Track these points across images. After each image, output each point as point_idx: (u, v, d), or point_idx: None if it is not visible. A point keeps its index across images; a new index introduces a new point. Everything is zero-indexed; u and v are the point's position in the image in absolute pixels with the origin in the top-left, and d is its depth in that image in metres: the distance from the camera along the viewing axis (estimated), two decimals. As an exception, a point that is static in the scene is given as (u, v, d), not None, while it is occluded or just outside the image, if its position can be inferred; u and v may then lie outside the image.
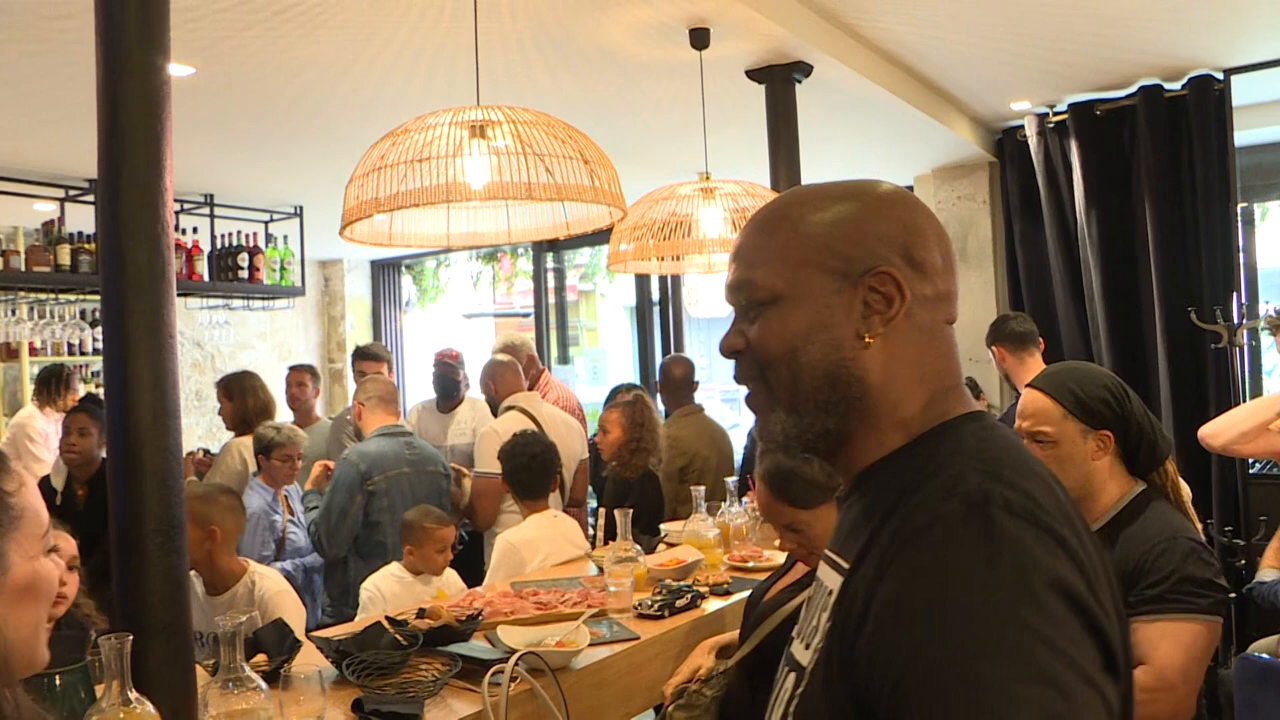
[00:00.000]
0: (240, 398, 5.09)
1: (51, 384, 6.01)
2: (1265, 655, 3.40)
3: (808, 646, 1.04)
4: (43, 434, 5.89)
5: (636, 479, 4.50)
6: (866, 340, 1.05)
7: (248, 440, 4.83)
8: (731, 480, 3.92)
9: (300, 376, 5.81)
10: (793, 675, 1.06)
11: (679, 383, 5.31)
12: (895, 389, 1.05)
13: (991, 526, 0.88)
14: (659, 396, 5.51)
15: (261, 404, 5.14)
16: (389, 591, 3.49)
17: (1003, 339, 4.49)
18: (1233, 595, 4.73)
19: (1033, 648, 0.82)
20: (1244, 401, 5.18)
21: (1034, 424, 2.24)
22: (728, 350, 1.14)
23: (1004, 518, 0.89)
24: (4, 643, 1.08)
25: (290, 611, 3.21)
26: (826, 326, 1.06)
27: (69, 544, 2.62)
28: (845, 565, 1.01)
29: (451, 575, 3.65)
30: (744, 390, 1.16)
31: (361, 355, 5.72)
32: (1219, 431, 2.88)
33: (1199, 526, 2.21)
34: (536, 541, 3.67)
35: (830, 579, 1.05)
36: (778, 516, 2.30)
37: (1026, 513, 0.90)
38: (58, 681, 1.59)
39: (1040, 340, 4.53)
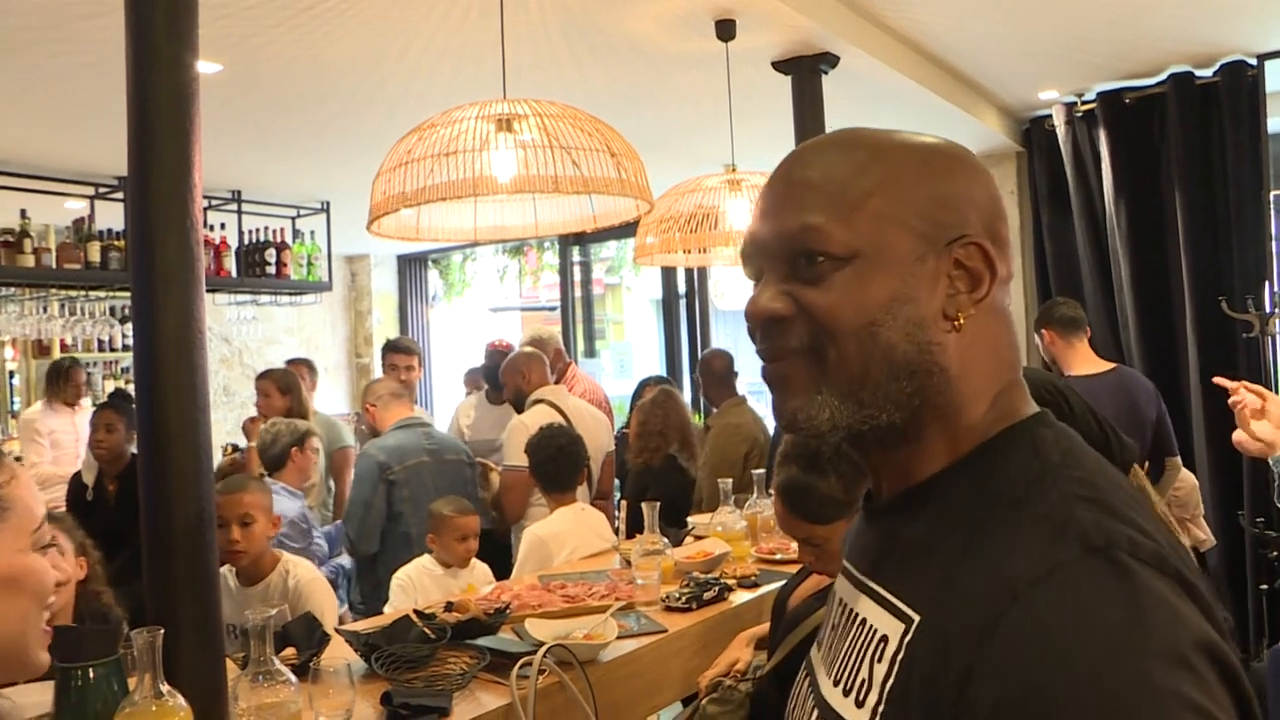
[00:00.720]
0: (296, 394, 5.14)
1: (54, 378, 6.00)
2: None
3: (859, 704, 0.86)
4: (47, 431, 5.88)
5: (659, 467, 4.50)
6: (957, 322, 0.88)
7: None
8: (758, 473, 3.91)
9: (298, 369, 5.83)
10: None
11: (721, 375, 5.32)
12: (971, 383, 0.89)
13: (1129, 580, 0.73)
14: (697, 390, 5.51)
15: (308, 402, 5.21)
16: (419, 583, 3.51)
17: (1054, 323, 4.46)
18: (1264, 587, 4.70)
19: None
20: (1275, 392, 5.13)
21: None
22: (766, 316, 0.92)
23: (1137, 567, 0.74)
24: None
25: (324, 598, 3.25)
26: (911, 300, 0.88)
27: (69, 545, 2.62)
28: (910, 612, 0.83)
29: (481, 568, 3.66)
30: (771, 363, 0.94)
31: (392, 348, 5.72)
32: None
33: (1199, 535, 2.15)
34: (564, 535, 3.68)
35: (883, 622, 0.87)
36: (794, 530, 2.25)
37: (1155, 557, 0.76)
38: (91, 674, 1.61)
39: (1088, 328, 4.50)
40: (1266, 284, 5.07)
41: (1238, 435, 2.76)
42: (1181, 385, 5.37)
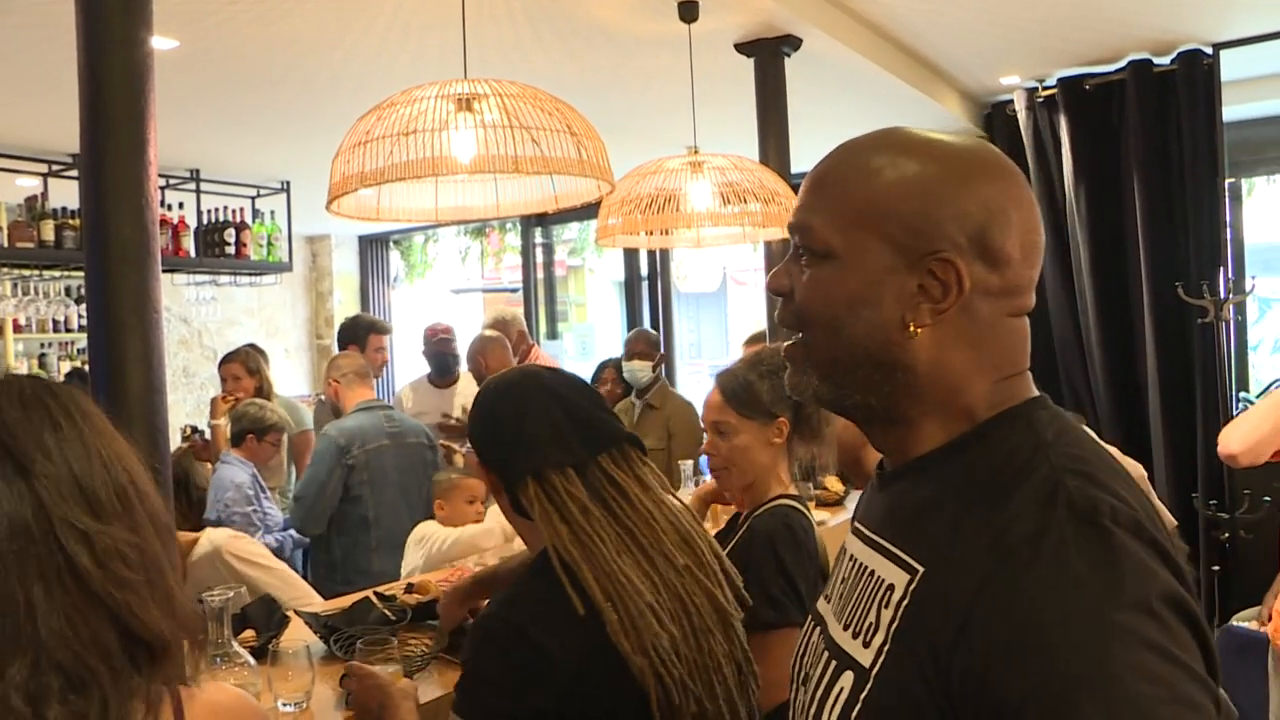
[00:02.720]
0: (259, 373, 5.09)
1: None
2: (1244, 625, 3.44)
3: (866, 644, 0.96)
4: None
5: None
6: (912, 330, 0.96)
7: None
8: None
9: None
10: (850, 674, 0.98)
11: (646, 358, 5.28)
12: (950, 376, 0.98)
13: (1109, 540, 0.83)
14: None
15: (271, 382, 5.17)
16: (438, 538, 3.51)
17: None
18: (1216, 568, 4.79)
19: (1165, 670, 0.79)
20: (1229, 376, 5.21)
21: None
22: (773, 288, 1.06)
23: (1117, 530, 0.84)
24: None
25: (244, 544, 3.25)
26: (872, 304, 0.97)
27: None
28: (915, 564, 0.94)
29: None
30: (784, 338, 1.08)
31: (375, 329, 5.51)
32: (1246, 449, 2.70)
33: None
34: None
35: (890, 573, 0.97)
36: (712, 412, 2.36)
37: (1132, 523, 0.85)
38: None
39: None
40: (1221, 270, 5.15)
41: None
42: (1138, 369, 5.45)
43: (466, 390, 5.22)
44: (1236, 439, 2.73)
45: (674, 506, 1.64)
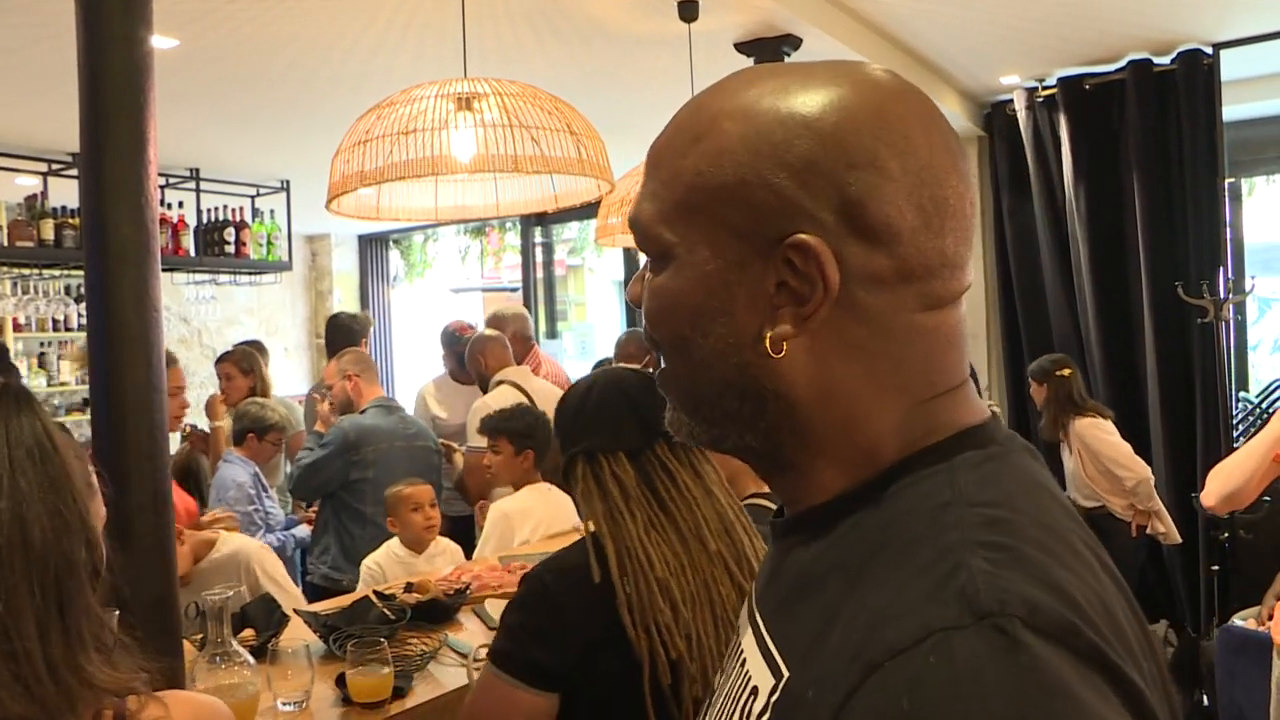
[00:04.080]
0: (254, 372, 5.10)
1: None
2: (1240, 622, 3.44)
3: None
4: None
5: None
6: (767, 343, 0.69)
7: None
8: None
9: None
10: None
11: (635, 360, 5.28)
12: (839, 403, 0.70)
13: (1016, 658, 0.55)
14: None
15: (270, 380, 5.18)
16: (390, 571, 3.50)
17: None
18: (1216, 568, 4.79)
19: None
20: (1229, 376, 5.21)
21: None
22: (629, 299, 0.82)
23: (1033, 641, 0.56)
24: None
25: (273, 561, 3.25)
26: (722, 315, 0.71)
27: None
28: (781, 666, 0.69)
29: (452, 550, 3.66)
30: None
31: (365, 334, 5.58)
32: (1220, 501, 2.72)
33: None
34: (529, 510, 3.69)
35: (757, 670, 0.72)
36: None
37: (1060, 629, 0.57)
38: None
39: None
40: (1220, 270, 5.14)
41: None
42: (1138, 369, 5.44)
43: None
44: (1213, 493, 2.76)
45: (728, 501, 1.69)
